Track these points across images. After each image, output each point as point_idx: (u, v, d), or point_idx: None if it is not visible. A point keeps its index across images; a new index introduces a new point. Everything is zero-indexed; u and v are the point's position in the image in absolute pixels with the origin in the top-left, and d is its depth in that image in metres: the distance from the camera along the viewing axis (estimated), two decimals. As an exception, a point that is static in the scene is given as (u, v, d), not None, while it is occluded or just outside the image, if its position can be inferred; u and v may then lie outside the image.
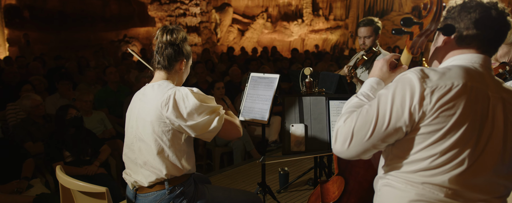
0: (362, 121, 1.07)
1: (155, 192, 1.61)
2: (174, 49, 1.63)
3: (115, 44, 12.02)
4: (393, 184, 1.12)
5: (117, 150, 3.82)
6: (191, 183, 1.69)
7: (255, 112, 2.26)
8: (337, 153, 1.14)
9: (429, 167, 1.04)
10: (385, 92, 1.07)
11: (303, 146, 2.00)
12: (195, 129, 1.53)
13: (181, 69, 1.70)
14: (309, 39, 14.75)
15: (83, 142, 3.30)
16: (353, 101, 1.22)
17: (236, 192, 1.86)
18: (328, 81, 2.58)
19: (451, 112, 0.99)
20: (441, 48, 1.16)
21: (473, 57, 1.10)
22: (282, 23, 14.50)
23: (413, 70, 1.05)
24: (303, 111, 2.06)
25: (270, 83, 2.26)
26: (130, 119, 1.67)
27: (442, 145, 1.02)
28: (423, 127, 1.02)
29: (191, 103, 1.50)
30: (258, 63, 6.98)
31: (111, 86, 4.75)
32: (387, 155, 1.16)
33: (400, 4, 14.35)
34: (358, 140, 1.07)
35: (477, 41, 1.10)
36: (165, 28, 1.63)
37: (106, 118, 4.14)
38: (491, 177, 1.05)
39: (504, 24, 1.08)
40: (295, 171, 3.50)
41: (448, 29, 1.08)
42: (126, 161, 1.71)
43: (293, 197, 3.01)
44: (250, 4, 14.45)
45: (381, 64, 1.28)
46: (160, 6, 11.87)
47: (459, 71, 1.04)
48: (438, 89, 1.00)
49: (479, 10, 1.07)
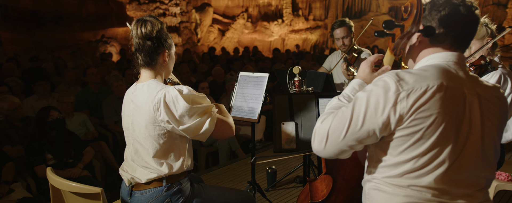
0: (337, 122, 1.09)
1: (152, 189, 1.59)
2: (153, 43, 1.54)
3: (92, 44, 11.75)
4: (381, 187, 1.14)
5: (101, 152, 3.75)
6: (187, 181, 1.69)
7: (245, 111, 2.27)
8: (316, 152, 1.16)
9: (413, 169, 1.07)
10: (361, 94, 1.09)
11: (294, 144, 2.03)
12: (188, 132, 1.50)
13: (165, 60, 1.61)
14: (289, 39, 14.87)
15: (66, 145, 3.22)
16: (334, 102, 1.25)
17: (230, 191, 1.87)
18: (315, 79, 2.62)
19: (428, 113, 1.02)
20: (415, 47, 1.18)
21: (447, 55, 1.12)
22: (263, 23, 14.56)
23: (389, 74, 1.07)
24: (293, 109, 2.09)
25: (259, 82, 2.28)
26: (125, 121, 1.65)
27: (423, 146, 1.04)
28: (402, 129, 1.04)
29: (181, 106, 1.46)
30: (240, 63, 6.99)
31: (92, 87, 4.65)
32: (372, 156, 1.19)
33: (377, 5, 14.67)
34: (333, 140, 1.10)
35: (449, 39, 1.12)
36: (139, 21, 1.53)
37: (88, 120, 4.05)
38: (473, 172, 1.08)
39: (473, 19, 1.11)
40: (283, 169, 3.53)
41: (428, 31, 1.11)
42: (127, 157, 1.69)
43: (281, 194, 3.04)
44: (230, 4, 14.43)
45: (364, 66, 1.31)
46: (139, 6, 11.70)
47: (434, 71, 1.07)
48: (414, 91, 1.02)
49: (448, 8, 1.10)
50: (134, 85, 1.65)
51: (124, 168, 1.70)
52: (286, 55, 8.68)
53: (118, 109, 4.20)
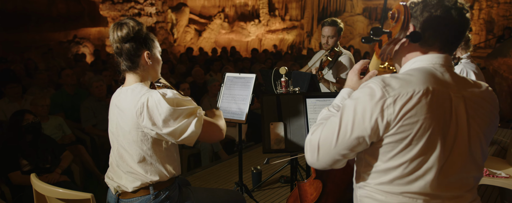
0: (326, 132, 1.09)
1: (139, 197, 1.55)
2: (131, 45, 1.49)
3: (64, 45, 11.34)
4: (373, 196, 1.14)
5: (79, 156, 3.63)
6: (175, 187, 1.66)
7: (233, 112, 2.26)
8: (310, 164, 1.16)
9: (403, 175, 1.07)
10: (349, 102, 1.08)
11: (283, 144, 2.04)
12: (173, 135, 1.44)
13: (147, 62, 1.54)
14: (266, 39, 14.92)
15: (42, 149, 3.09)
16: (324, 113, 1.25)
17: (220, 192, 1.85)
18: (300, 80, 2.64)
19: (415, 119, 1.01)
20: (404, 49, 1.17)
21: (433, 57, 1.12)
22: (239, 23, 14.53)
23: (375, 80, 1.07)
24: (282, 110, 2.09)
25: (246, 83, 2.27)
26: (111, 125, 1.60)
27: (411, 152, 1.04)
28: (389, 136, 1.04)
29: (164, 110, 1.40)
30: (220, 64, 6.95)
31: (68, 89, 4.49)
32: (360, 161, 1.19)
33: (352, 5, 14.97)
34: (325, 150, 1.09)
35: (439, 42, 1.12)
36: (115, 25, 1.48)
37: (64, 123, 3.91)
38: (462, 174, 1.09)
39: (464, 22, 1.11)
40: (267, 169, 3.54)
41: (415, 37, 1.10)
42: (112, 163, 1.64)
43: (267, 195, 3.04)
44: (206, 4, 14.31)
45: (351, 75, 1.30)
46: (113, 5, 11.39)
47: (420, 75, 1.06)
48: (400, 97, 1.01)
49: (441, 10, 1.09)
50: (119, 89, 1.60)
51: (109, 175, 1.65)
52: (264, 55, 8.71)
53: (96, 111, 4.07)
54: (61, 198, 1.41)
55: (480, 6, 12.91)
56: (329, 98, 2.10)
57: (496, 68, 5.82)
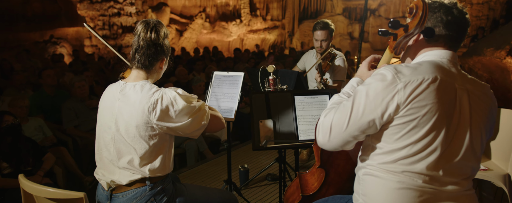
0: (339, 115, 1.17)
1: (134, 189, 1.55)
2: (156, 48, 1.55)
3: (40, 45, 11.01)
4: (375, 173, 1.20)
5: (62, 158, 3.55)
6: (170, 181, 1.67)
7: (221, 110, 2.26)
8: (321, 145, 1.22)
9: (407, 155, 1.14)
10: (361, 87, 1.16)
11: (272, 141, 2.06)
12: (184, 129, 1.52)
13: (161, 67, 1.64)
14: (247, 39, 14.94)
15: (23, 152, 3.01)
16: (335, 99, 1.34)
17: (213, 191, 1.86)
18: (287, 78, 2.67)
19: (423, 103, 1.09)
20: (412, 46, 1.27)
21: (442, 53, 1.21)
22: (221, 23, 14.49)
23: (387, 67, 1.15)
24: (270, 107, 2.12)
25: (234, 81, 2.28)
26: (105, 119, 1.57)
27: (417, 134, 1.12)
28: (398, 118, 1.12)
29: (180, 106, 1.48)
30: (203, 63, 6.93)
31: (47, 90, 4.37)
32: (367, 145, 1.25)
33: (332, 5, 15.18)
34: (336, 132, 1.17)
35: (443, 39, 1.21)
36: (148, 24, 1.53)
37: (45, 125, 3.81)
38: (461, 161, 1.16)
39: (465, 22, 1.21)
40: (254, 167, 3.56)
41: (429, 32, 1.19)
42: (101, 160, 1.62)
43: (255, 193, 3.06)
44: (187, 4, 14.20)
45: (363, 65, 1.40)
46: (91, 4, 11.15)
47: (429, 66, 1.15)
48: (410, 83, 1.10)
49: (443, 10, 1.19)
50: (122, 83, 1.59)
51: (99, 172, 1.62)
52: (248, 55, 8.72)
53: (79, 112, 3.98)
54: (52, 197, 1.38)
55: (454, 7, 13.33)
56: (317, 95, 2.14)
57: (471, 66, 6.04)
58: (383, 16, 15.59)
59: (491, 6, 12.86)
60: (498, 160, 2.51)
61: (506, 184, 2.30)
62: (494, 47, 5.40)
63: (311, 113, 2.11)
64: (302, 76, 2.73)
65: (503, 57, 5.20)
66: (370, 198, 1.22)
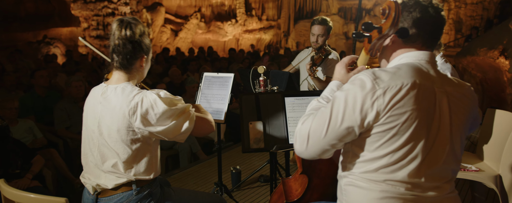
0: (317, 122, 1.12)
1: (120, 194, 1.52)
2: (134, 46, 1.50)
3: (33, 45, 10.92)
4: (357, 183, 1.17)
5: (52, 160, 3.50)
6: (157, 185, 1.64)
7: (211, 112, 2.24)
8: (298, 153, 1.18)
9: (388, 164, 1.11)
10: (339, 94, 1.12)
11: (262, 143, 2.04)
12: (167, 133, 1.46)
13: (142, 66, 1.58)
14: (243, 39, 14.91)
15: (11, 154, 2.96)
16: (313, 104, 1.28)
17: (202, 194, 1.84)
18: (278, 79, 2.65)
19: (403, 110, 1.06)
20: (388, 47, 1.23)
21: (420, 54, 1.17)
22: (216, 23, 14.45)
23: (366, 73, 1.11)
24: (260, 109, 2.09)
25: (224, 82, 2.26)
26: (88, 122, 1.55)
27: (398, 142, 1.09)
28: (378, 126, 1.08)
29: (160, 110, 1.42)
30: (197, 64, 6.89)
31: (39, 91, 4.31)
32: (347, 152, 1.21)
33: (328, 5, 15.19)
34: (314, 140, 1.12)
35: (421, 39, 1.18)
36: (123, 22, 1.48)
37: (35, 127, 3.76)
38: (443, 165, 1.15)
39: (441, 20, 1.18)
40: (246, 169, 3.53)
41: (403, 32, 1.16)
42: (86, 165, 1.59)
43: (247, 194, 3.04)
44: (182, 4, 14.14)
45: (339, 67, 1.34)
46: (85, 4, 11.06)
47: (408, 70, 1.12)
48: (389, 89, 1.06)
49: (419, 9, 1.15)
50: (104, 85, 1.56)
51: (85, 175, 1.59)
52: (243, 55, 8.70)
53: (71, 114, 3.94)
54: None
55: (449, 7, 13.39)
56: (307, 97, 2.12)
57: (465, 66, 6.05)
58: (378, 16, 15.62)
59: (485, 6, 12.92)
60: (490, 161, 2.50)
61: (497, 185, 2.29)
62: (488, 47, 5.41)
63: (302, 114, 2.09)
64: (294, 76, 2.71)
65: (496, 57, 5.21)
66: None
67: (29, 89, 5.11)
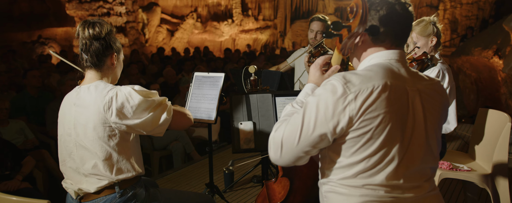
0: (290, 129, 1.09)
1: (103, 197, 1.49)
2: (101, 44, 1.50)
3: (28, 45, 10.85)
4: (337, 190, 1.15)
5: (43, 161, 3.47)
6: (142, 185, 1.61)
7: (201, 112, 2.21)
8: (274, 161, 1.16)
9: (365, 169, 1.09)
10: (311, 99, 1.09)
11: (252, 143, 2.02)
12: (145, 126, 1.45)
13: (113, 64, 1.57)
14: (239, 39, 14.89)
15: (1, 155, 2.93)
16: (288, 109, 1.25)
17: (189, 194, 1.82)
18: (270, 78, 2.63)
19: (376, 113, 1.04)
20: (359, 46, 1.20)
21: (389, 53, 1.15)
22: (212, 23, 14.43)
23: (336, 77, 1.08)
24: (251, 109, 2.07)
25: (215, 82, 2.23)
26: (65, 126, 1.52)
27: (373, 146, 1.07)
28: (352, 131, 1.06)
29: (136, 102, 1.41)
30: (192, 64, 6.86)
31: (31, 92, 4.28)
32: (325, 157, 1.19)
33: (324, 5, 15.20)
34: (288, 147, 1.10)
35: (390, 37, 1.15)
36: (86, 23, 1.49)
37: (26, 127, 3.72)
38: (421, 165, 1.13)
39: (409, 16, 1.15)
40: (240, 169, 3.51)
41: (373, 30, 1.13)
42: (66, 171, 1.56)
43: (239, 195, 3.02)
44: (178, 4, 14.11)
45: (313, 69, 1.31)
46: (80, 4, 11.01)
47: (378, 70, 1.10)
48: (361, 93, 1.04)
49: (386, 7, 1.13)
50: (76, 88, 1.54)
51: (67, 181, 1.57)
52: (238, 55, 8.68)
53: (61, 114, 3.91)
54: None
55: (444, 7, 13.43)
56: (298, 97, 2.10)
57: (460, 65, 6.06)
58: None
59: (480, 6, 12.96)
60: (481, 161, 2.49)
61: (489, 185, 2.28)
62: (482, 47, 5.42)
63: (293, 114, 2.07)
64: (286, 76, 2.69)
65: (490, 56, 5.22)
66: None
67: (22, 90, 5.07)
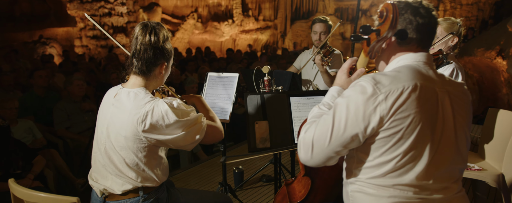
0: (320, 130, 1.12)
1: (128, 200, 1.51)
2: (155, 52, 1.45)
3: (29, 45, 10.83)
4: (365, 190, 1.16)
5: (52, 160, 3.48)
6: (164, 189, 1.63)
7: (216, 111, 2.23)
8: (304, 162, 1.18)
9: (395, 168, 1.10)
10: (340, 100, 1.12)
11: (268, 143, 2.04)
12: (176, 143, 1.43)
13: (161, 73, 1.53)
14: (240, 39, 14.91)
15: (12, 154, 2.94)
16: (315, 111, 1.27)
17: (207, 194, 1.84)
18: (281, 79, 2.65)
19: (406, 113, 1.06)
20: (385, 49, 1.22)
21: (417, 56, 1.17)
22: (213, 23, 14.44)
23: (366, 78, 1.11)
24: (266, 109, 2.10)
25: (229, 82, 2.26)
26: (100, 123, 1.53)
27: (403, 146, 1.08)
28: (383, 131, 1.08)
29: (171, 121, 1.38)
30: (195, 64, 6.88)
31: (38, 91, 4.29)
32: (352, 158, 1.21)
33: (324, 6, 15.23)
34: (318, 148, 1.12)
35: (415, 40, 1.17)
36: (146, 27, 1.44)
37: (35, 127, 3.74)
38: (450, 166, 1.15)
39: (433, 20, 1.18)
40: (249, 169, 3.54)
41: (402, 34, 1.15)
42: (95, 164, 1.57)
43: (249, 194, 3.04)
44: (179, 4, 14.12)
45: (340, 73, 1.33)
46: (81, 4, 11.00)
47: (408, 72, 1.12)
48: (391, 93, 1.06)
49: (410, 11, 1.15)
50: (119, 87, 1.53)
51: (93, 176, 1.58)
52: (241, 55, 8.70)
53: (71, 114, 3.92)
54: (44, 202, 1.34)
55: (444, 7, 13.50)
56: (312, 96, 2.13)
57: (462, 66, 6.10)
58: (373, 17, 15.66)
59: (480, 7, 13.04)
60: (492, 160, 2.53)
61: (500, 184, 2.31)
62: (485, 48, 5.46)
63: (307, 114, 2.09)
64: (297, 76, 2.72)
65: (493, 57, 5.26)
66: None
67: (26, 89, 5.07)
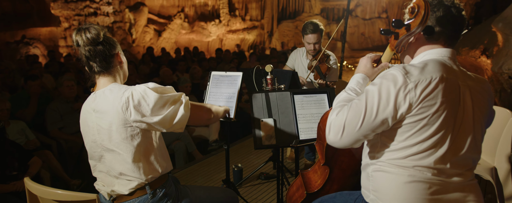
0: (352, 114, 1.19)
1: (136, 199, 1.52)
2: (104, 46, 1.49)
3: (12, 46, 10.57)
4: (385, 169, 1.25)
5: (47, 161, 3.43)
6: (171, 184, 1.64)
7: (220, 110, 2.26)
8: (331, 143, 1.24)
9: (417, 152, 1.19)
10: (372, 87, 1.20)
11: (274, 140, 2.08)
12: (164, 123, 1.45)
13: (121, 62, 1.58)
14: (227, 39, 14.91)
15: (8, 156, 2.89)
16: (342, 95, 1.35)
17: (215, 190, 1.86)
18: (281, 77, 2.70)
19: (433, 102, 1.15)
20: (412, 44, 1.31)
21: (443, 51, 1.27)
22: (200, 23, 14.40)
23: (396, 68, 1.19)
24: (271, 106, 2.14)
25: (233, 81, 2.29)
26: (89, 133, 1.53)
27: (427, 131, 1.17)
28: (409, 117, 1.17)
29: (152, 99, 1.41)
30: (185, 64, 6.86)
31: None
32: (375, 143, 1.29)
33: (310, 6, 15.39)
34: (349, 131, 1.19)
35: (443, 37, 1.27)
36: (80, 30, 1.48)
37: (27, 128, 3.67)
38: (466, 154, 1.23)
39: (462, 19, 1.27)
40: (247, 167, 3.57)
41: (429, 30, 1.24)
42: (98, 175, 1.59)
43: (249, 191, 3.08)
44: (165, 4, 14.02)
45: (365, 61, 1.42)
46: (66, 4, 10.81)
47: (435, 65, 1.21)
48: (420, 83, 1.15)
49: (443, 9, 1.24)
50: (92, 94, 1.55)
51: (99, 183, 1.60)
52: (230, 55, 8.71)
53: (64, 114, 3.87)
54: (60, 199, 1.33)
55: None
56: (316, 94, 2.18)
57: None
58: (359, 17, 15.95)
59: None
60: (485, 154, 2.64)
61: (493, 177, 2.42)
62: (469, 47, 5.64)
63: (310, 111, 2.15)
64: (297, 75, 2.77)
65: (478, 56, 5.44)
66: (381, 193, 1.26)
67: (14, 91, 4.97)
